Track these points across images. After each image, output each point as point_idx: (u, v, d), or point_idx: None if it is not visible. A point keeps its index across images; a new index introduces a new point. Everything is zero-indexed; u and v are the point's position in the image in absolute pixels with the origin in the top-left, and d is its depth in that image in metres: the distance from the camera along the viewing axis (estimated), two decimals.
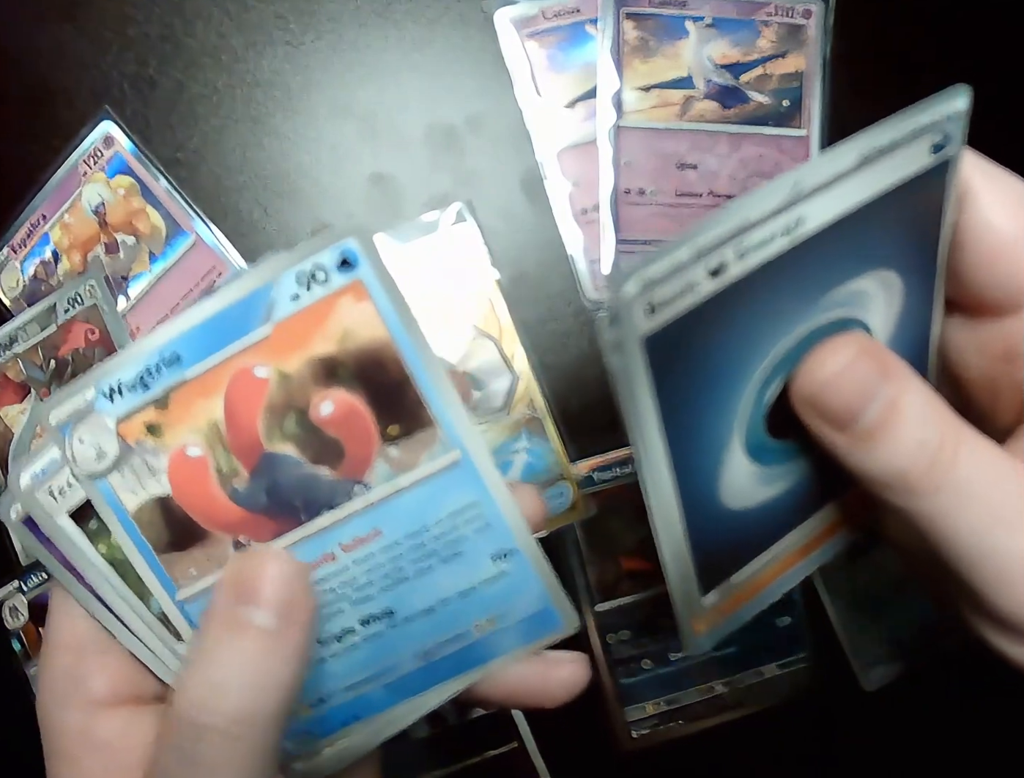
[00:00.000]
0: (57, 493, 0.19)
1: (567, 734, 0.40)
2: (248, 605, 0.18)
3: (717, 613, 0.21)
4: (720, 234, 0.16)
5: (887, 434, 0.17)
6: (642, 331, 0.16)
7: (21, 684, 0.42)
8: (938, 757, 0.39)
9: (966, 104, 0.17)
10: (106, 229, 0.45)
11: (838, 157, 0.17)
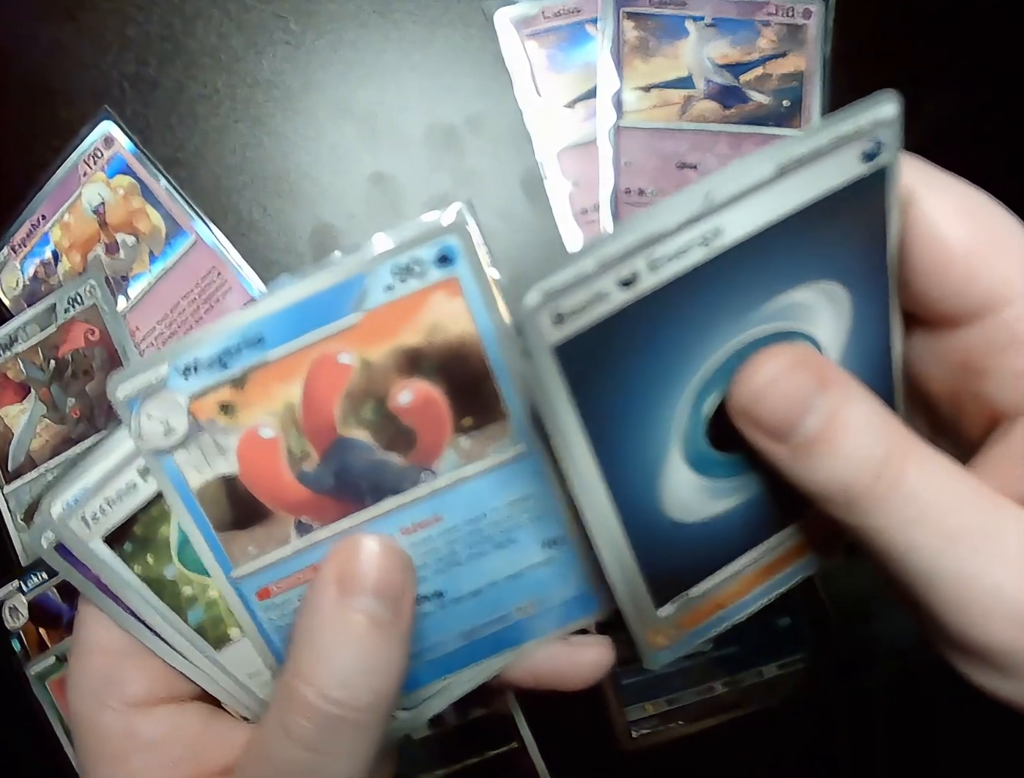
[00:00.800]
0: (90, 519, 0.19)
1: (567, 734, 0.40)
2: (361, 596, 0.19)
3: (676, 627, 0.21)
4: (628, 245, 0.16)
5: (827, 446, 0.17)
6: (551, 340, 0.16)
7: (21, 684, 0.42)
8: (938, 757, 0.39)
9: (895, 110, 0.17)
10: (106, 229, 0.45)
11: (752, 167, 0.16)
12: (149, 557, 0.20)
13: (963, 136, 0.42)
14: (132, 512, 0.19)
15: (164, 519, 0.19)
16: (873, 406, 0.17)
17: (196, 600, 0.20)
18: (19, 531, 0.44)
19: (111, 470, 0.18)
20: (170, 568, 0.20)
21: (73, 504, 0.19)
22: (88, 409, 0.44)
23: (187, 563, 0.20)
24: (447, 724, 0.40)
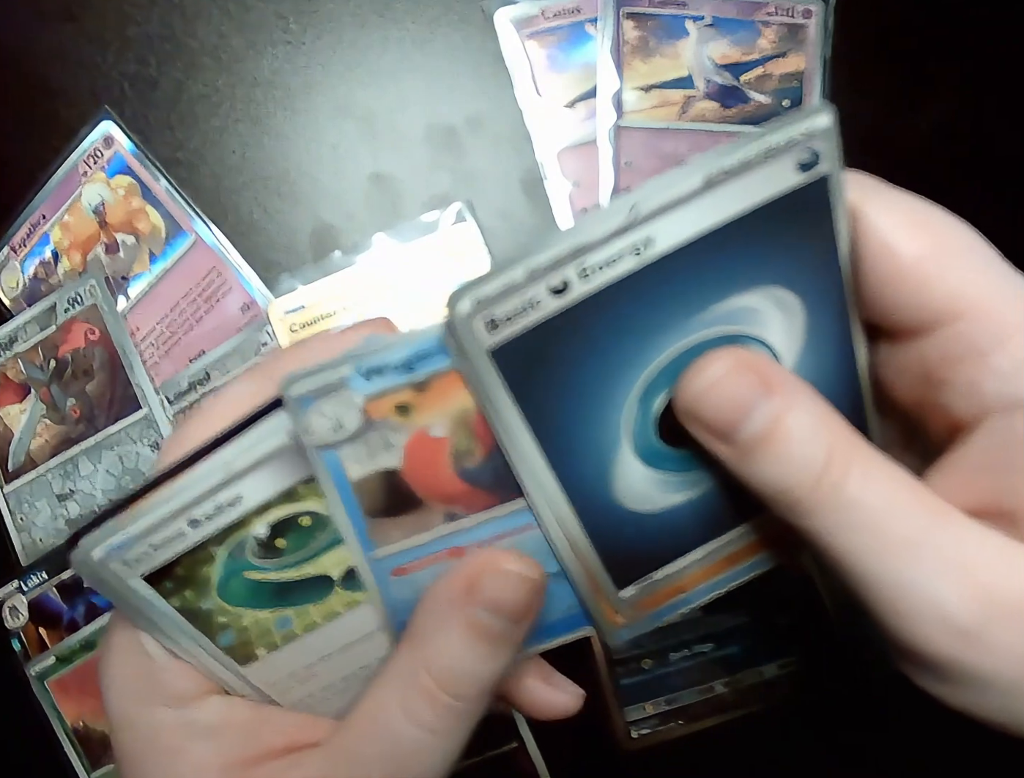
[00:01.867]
0: (133, 562, 0.19)
1: (567, 734, 0.40)
2: (488, 610, 0.20)
3: (638, 608, 0.21)
4: (556, 255, 0.16)
5: (769, 449, 0.17)
6: (487, 344, 0.17)
7: (21, 684, 0.42)
8: (939, 757, 0.39)
9: (829, 121, 0.17)
10: (106, 229, 0.45)
11: (678, 180, 0.16)
12: (188, 593, 0.20)
13: (964, 136, 0.42)
14: (176, 556, 0.19)
15: (208, 561, 0.19)
16: (818, 411, 0.17)
17: (229, 627, 0.20)
18: (19, 531, 0.44)
19: (160, 521, 0.18)
20: (208, 602, 0.20)
21: (115, 549, 0.18)
22: (88, 409, 0.44)
23: (227, 598, 0.20)
24: None
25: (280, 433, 0.18)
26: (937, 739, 0.40)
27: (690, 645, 0.41)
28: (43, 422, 0.44)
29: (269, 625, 0.20)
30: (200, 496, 0.18)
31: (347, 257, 0.43)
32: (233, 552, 0.19)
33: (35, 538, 0.44)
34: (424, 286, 0.42)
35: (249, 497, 0.18)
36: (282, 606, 0.20)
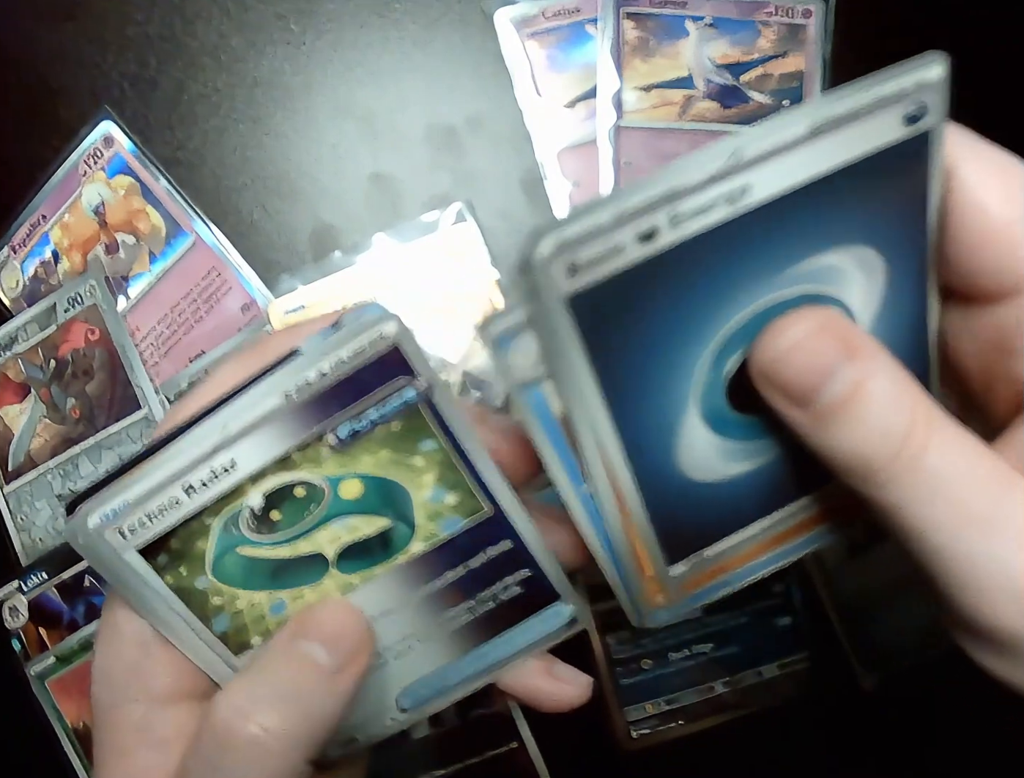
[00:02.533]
0: (127, 531, 0.19)
1: (567, 734, 0.40)
2: (311, 641, 0.19)
3: (683, 587, 0.21)
4: (648, 198, 0.15)
5: (849, 415, 0.16)
6: (565, 291, 0.16)
7: (21, 684, 0.42)
8: (938, 757, 0.39)
9: (941, 73, 0.16)
10: (106, 229, 0.45)
11: (784, 125, 0.15)
12: (182, 568, 0.19)
13: None
14: (171, 527, 0.19)
15: (202, 534, 0.19)
16: (899, 378, 0.17)
17: (223, 609, 0.20)
18: (19, 531, 0.44)
19: (155, 486, 0.18)
20: (202, 579, 0.20)
21: (111, 516, 0.18)
22: (88, 409, 0.44)
23: (221, 576, 0.20)
24: (447, 724, 0.40)
25: (275, 395, 0.18)
26: (937, 739, 0.40)
27: (690, 645, 0.41)
28: (43, 422, 0.44)
29: (263, 610, 0.20)
30: (195, 460, 0.18)
31: (347, 257, 0.43)
32: (227, 524, 0.19)
33: (35, 538, 0.44)
34: (424, 286, 0.42)
35: (244, 463, 0.18)
36: (277, 587, 0.20)
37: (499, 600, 0.22)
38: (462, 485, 0.20)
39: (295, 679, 0.19)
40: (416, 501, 0.20)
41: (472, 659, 0.22)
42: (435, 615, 0.21)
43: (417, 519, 0.20)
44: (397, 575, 0.21)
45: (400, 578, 0.21)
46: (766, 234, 0.17)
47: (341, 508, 0.20)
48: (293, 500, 0.19)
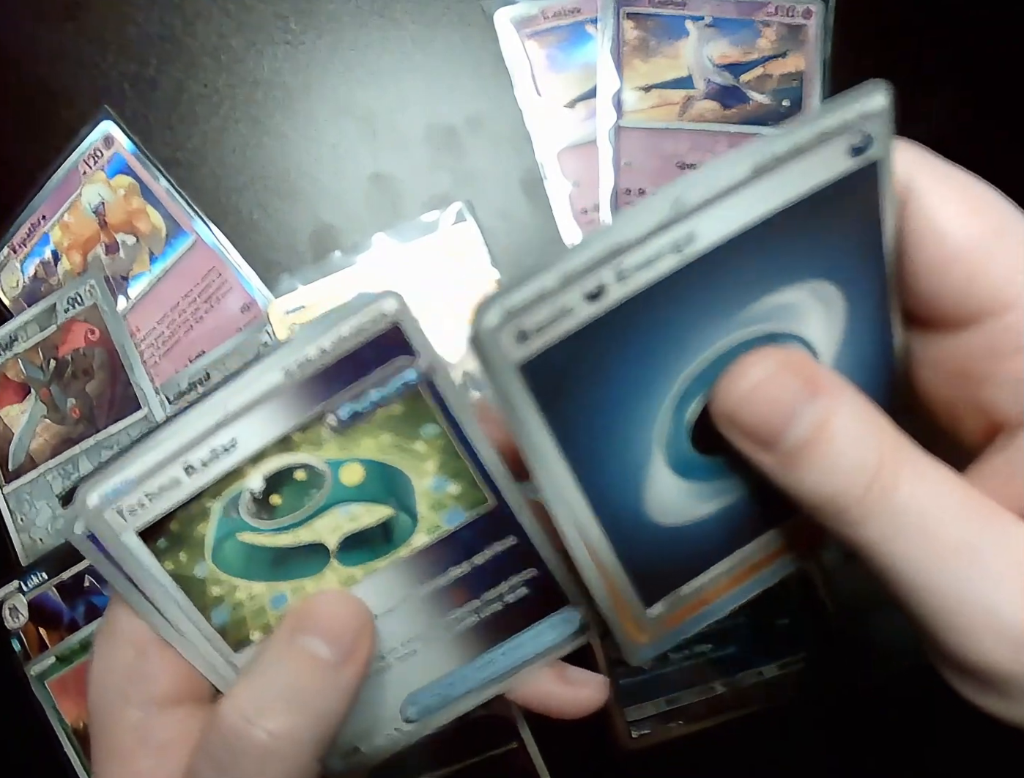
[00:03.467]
0: (127, 512, 0.18)
1: (567, 734, 0.40)
2: (310, 636, 0.19)
3: (663, 625, 0.21)
4: (592, 258, 0.15)
5: (816, 455, 0.16)
6: (515, 358, 0.15)
7: (21, 684, 0.42)
8: (938, 757, 0.39)
9: (884, 102, 0.16)
10: (106, 229, 0.45)
11: (725, 169, 0.15)
12: (182, 554, 0.19)
13: (964, 137, 0.42)
14: (171, 508, 0.19)
15: (202, 518, 0.19)
16: (865, 412, 0.16)
17: (222, 600, 0.20)
18: (19, 531, 0.44)
19: (155, 465, 0.18)
20: (202, 567, 0.19)
21: (111, 495, 0.18)
22: (88, 409, 0.44)
23: (221, 563, 0.20)
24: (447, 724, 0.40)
25: (275, 371, 0.18)
26: (937, 739, 0.40)
27: (690, 645, 0.41)
28: (43, 422, 0.44)
29: (264, 603, 0.20)
30: (195, 438, 0.18)
31: (347, 257, 0.43)
32: (228, 508, 0.19)
33: (35, 538, 0.44)
34: (424, 286, 0.42)
35: (244, 442, 0.18)
36: (277, 579, 0.20)
37: (505, 601, 0.21)
38: (465, 474, 0.20)
39: (298, 678, 0.19)
40: (418, 490, 0.20)
41: (479, 667, 0.22)
42: (440, 615, 0.21)
43: (419, 509, 0.20)
44: (400, 569, 0.20)
45: (403, 573, 0.20)
46: (717, 278, 0.16)
47: (342, 494, 0.19)
48: (294, 484, 0.19)
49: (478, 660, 0.22)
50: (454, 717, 0.22)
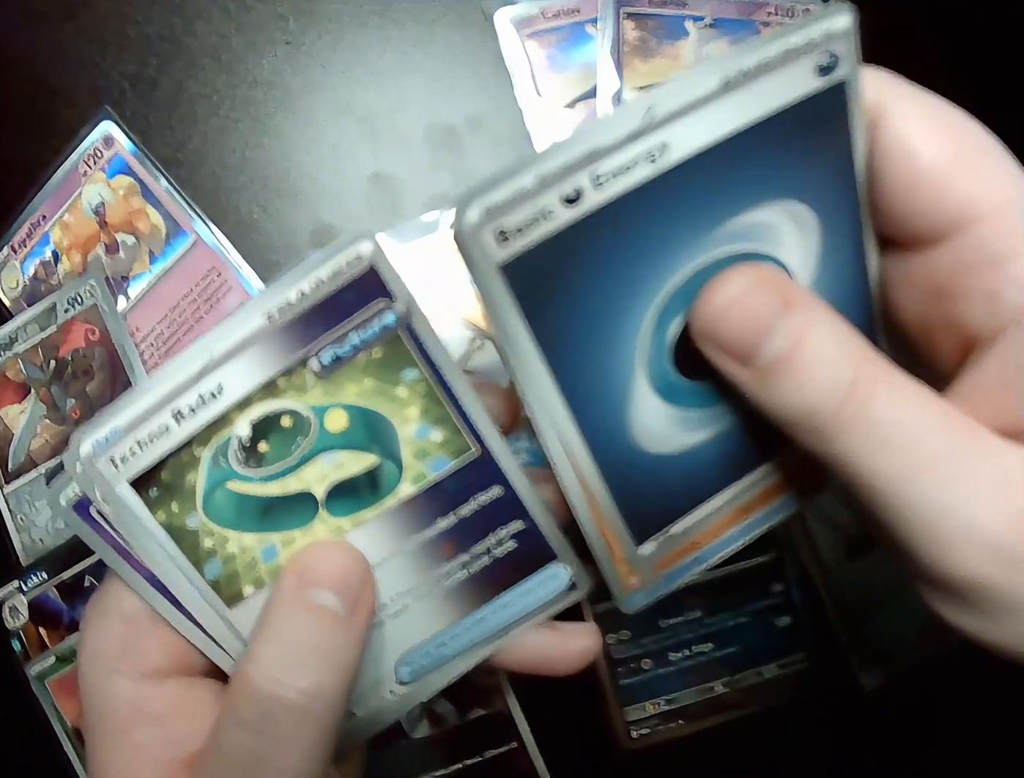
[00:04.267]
0: (119, 461, 0.19)
1: (567, 734, 0.40)
2: (318, 588, 0.19)
3: (655, 568, 0.21)
4: (568, 160, 0.15)
5: (792, 368, 0.16)
6: (497, 258, 0.16)
7: (21, 684, 0.42)
8: (938, 757, 0.39)
9: (848, 22, 0.16)
10: (106, 229, 0.45)
11: (696, 81, 0.16)
12: (174, 505, 0.19)
13: None
14: (162, 456, 0.19)
15: (192, 466, 0.19)
16: (840, 329, 0.16)
17: (215, 553, 0.20)
18: (19, 531, 0.44)
19: (144, 412, 0.18)
20: (193, 518, 0.20)
21: (103, 443, 0.18)
22: (88, 409, 0.44)
23: (212, 514, 0.20)
24: (447, 724, 0.40)
25: (257, 316, 0.18)
26: (937, 739, 0.40)
27: (690, 645, 0.41)
28: (43, 422, 0.44)
29: (255, 555, 0.20)
30: (183, 385, 0.18)
31: None
32: (217, 456, 0.19)
33: (35, 538, 0.44)
34: (424, 286, 0.42)
35: (231, 387, 0.18)
36: (267, 530, 0.20)
37: (494, 555, 0.21)
38: (447, 421, 0.20)
39: (317, 633, 0.19)
40: (402, 436, 0.20)
41: (470, 624, 0.22)
42: (429, 569, 0.21)
43: (404, 457, 0.20)
44: (388, 520, 0.20)
45: (391, 524, 0.21)
46: (691, 191, 0.17)
47: (328, 442, 0.20)
48: (280, 430, 0.19)
49: (469, 618, 0.22)
50: (448, 681, 0.22)
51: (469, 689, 0.39)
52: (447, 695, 0.39)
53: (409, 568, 0.21)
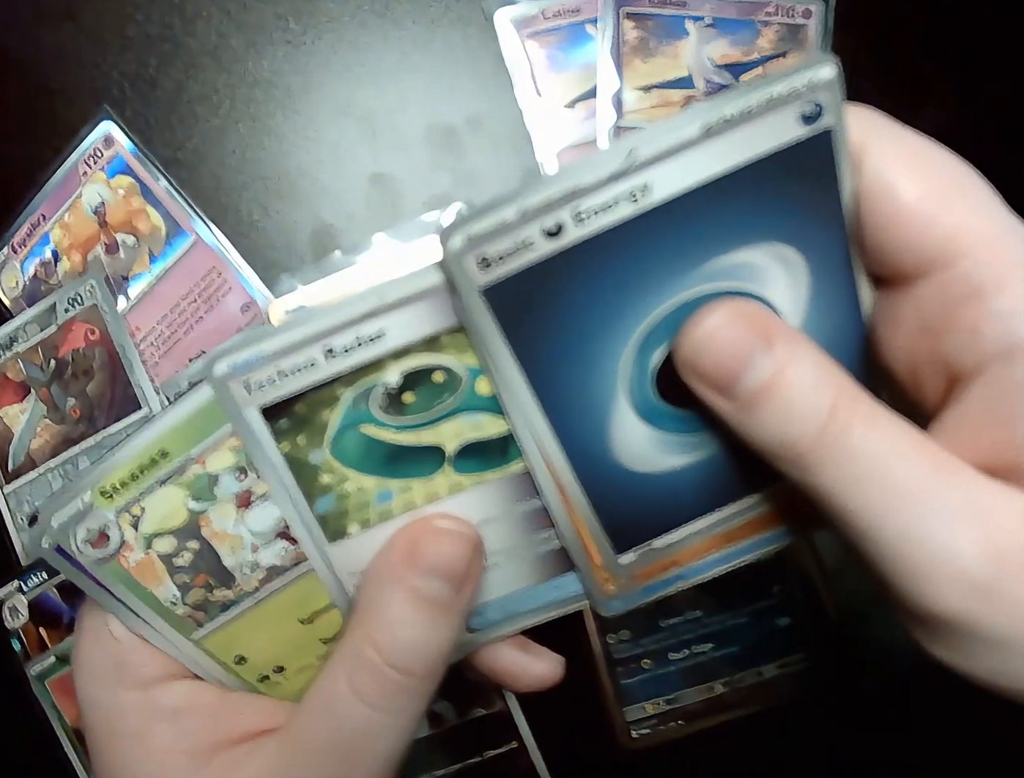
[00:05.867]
0: (254, 386, 0.18)
1: (567, 734, 0.40)
2: (428, 575, 0.20)
3: (634, 578, 0.21)
4: (550, 196, 0.16)
5: (771, 400, 0.16)
6: (479, 283, 0.17)
7: (21, 684, 0.42)
8: (938, 757, 0.39)
9: (833, 73, 0.16)
10: (106, 229, 0.45)
11: (677, 127, 0.16)
12: (300, 438, 0.19)
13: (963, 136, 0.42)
14: (301, 390, 0.18)
15: (330, 405, 0.19)
16: (819, 362, 0.17)
17: (330, 490, 0.20)
18: (19, 531, 0.44)
19: (294, 344, 0.18)
20: (317, 454, 0.19)
21: (241, 367, 0.18)
22: (88, 409, 0.44)
23: (338, 453, 0.19)
24: (447, 724, 0.40)
25: (438, 272, 0.18)
26: (937, 739, 0.40)
27: (690, 645, 0.41)
28: (43, 422, 0.44)
29: (370, 497, 0.20)
30: (344, 323, 0.18)
31: (347, 257, 0.43)
32: (358, 399, 0.19)
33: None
34: None
35: (392, 335, 0.18)
36: (388, 475, 0.20)
37: None
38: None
39: (429, 623, 0.20)
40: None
41: (547, 589, 0.22)
42: (528, 534, 0.21)
43: None
44: (506, 485, 0.21)
45: (508, 488, 0.21)
46: (673, 231, 0.17)
47: (473, 403, 0.20)
48: (430, 385, 0.19)
49: (549, 582, 0.22)
50: (510, 633, 0.23)
51: (469, 689, 0.39)
52: (447, 695, 0.39)
53: (510, 531, 0.21)
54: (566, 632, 0.36)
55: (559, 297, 0.17)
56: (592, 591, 0.21)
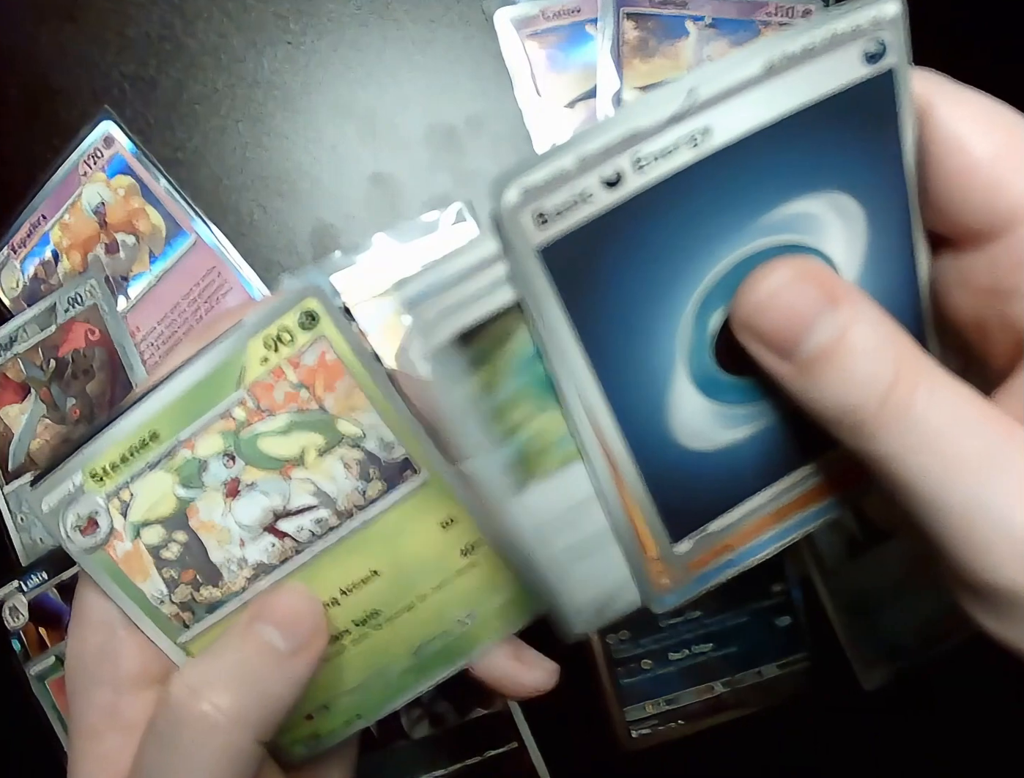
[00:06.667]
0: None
1: (567, 734, 0.40)
2: (265, 624, 0.20)
3: (689, 568, 0.20)
4: (609, 141, 0.15)
5: (834, 364, 0.16)
6: (536, 241, 0.15)
7: (21, 684, 0.42)
8: (938, 757, 0.39)
9: (896, 9, 0.16)
10: (106, 229, 0.45)
11: (739, 64, 0.15)
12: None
13: None
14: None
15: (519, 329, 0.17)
16: (883, 325, 0.16)
17: (521, 427, 0.17)
18: (19, 531, 0.44)
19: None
20: (509, 385, 0.17)
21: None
22: (88, 409, 0.44)
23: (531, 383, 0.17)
24: (447, 724, 0.40)
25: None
26: (937, 739, 0.40)
27: (690, 645, 0.41)
28: (43, 422, 0.44)
29: (552, 438, 0.18)
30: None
31: (347, 257, 0.43)
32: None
33: (35, 538, 0.44)
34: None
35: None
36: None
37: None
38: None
39: (249, 660, 0.20)
40: None
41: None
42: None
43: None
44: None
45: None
46: (734, 178, 0.16)
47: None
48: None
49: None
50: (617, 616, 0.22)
51: (469, 689, 0.39)
52: (447, 695, 0.39)
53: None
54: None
55: (617, 256, 0.16)
56: (644, 587, 0.20)
